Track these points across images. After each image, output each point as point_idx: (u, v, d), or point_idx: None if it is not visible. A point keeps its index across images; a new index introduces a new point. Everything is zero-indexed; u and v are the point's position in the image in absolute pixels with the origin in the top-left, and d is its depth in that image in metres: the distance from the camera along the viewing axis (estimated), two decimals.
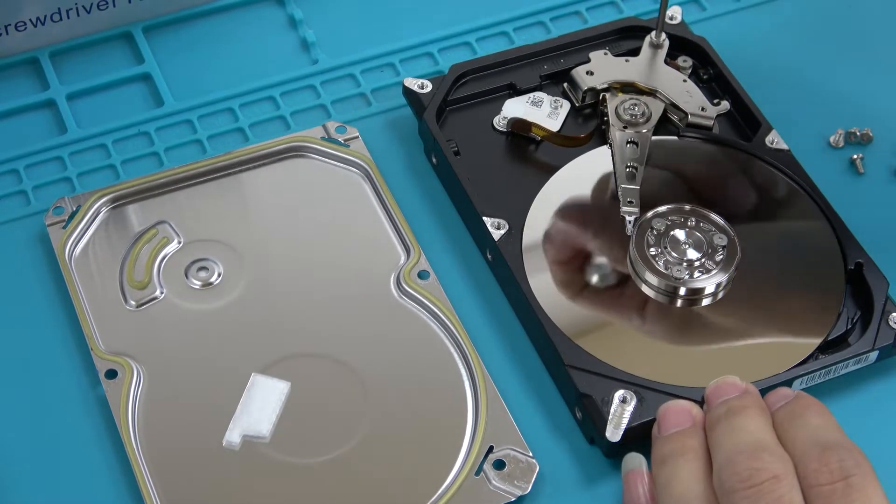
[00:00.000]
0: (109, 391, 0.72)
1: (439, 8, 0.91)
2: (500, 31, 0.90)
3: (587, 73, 0.83)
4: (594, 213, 0.79)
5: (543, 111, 0.83)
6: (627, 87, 0.83)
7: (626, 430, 0.70)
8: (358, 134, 0.83)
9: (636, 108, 0.82)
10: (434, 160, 0.82)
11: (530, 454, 0.71)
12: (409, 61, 0.88)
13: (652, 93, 0.82)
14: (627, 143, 0.81)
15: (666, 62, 0.84)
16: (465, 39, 0.90)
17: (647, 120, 0.81)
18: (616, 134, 0.81)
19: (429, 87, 0.83)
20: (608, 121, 0.81)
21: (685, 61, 0.85)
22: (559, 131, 0.82)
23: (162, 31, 0.90)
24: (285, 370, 0.74)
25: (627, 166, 0.80)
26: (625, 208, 0.78)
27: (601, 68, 0.83)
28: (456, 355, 0.75)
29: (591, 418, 0.70)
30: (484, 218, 0.77)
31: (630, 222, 0.78)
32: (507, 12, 0.91)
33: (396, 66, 0.88)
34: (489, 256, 0.78)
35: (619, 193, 0.78)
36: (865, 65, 0.89)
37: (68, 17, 0.86)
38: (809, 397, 0.67)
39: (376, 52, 0.89)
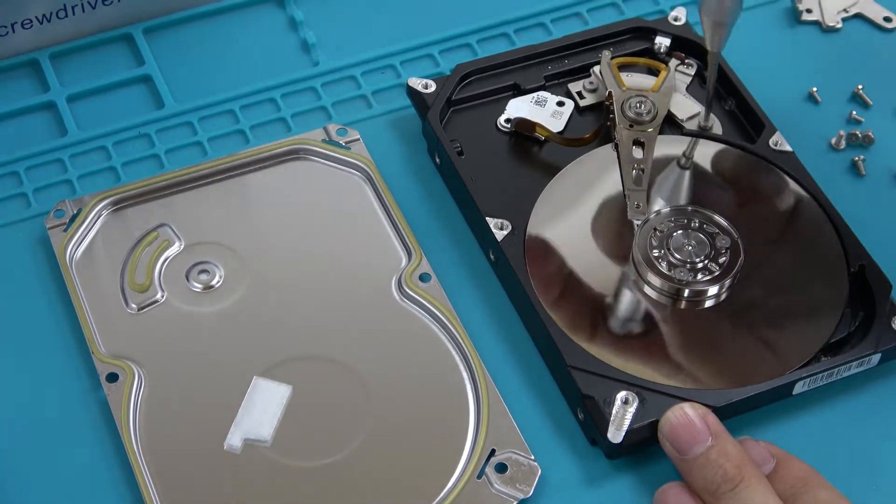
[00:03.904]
0: (110, 394, 0.72)
1: (440, 10, 0.91)
2: (501, 32, 0.90)
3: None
4: (598, 213, 0.79)
5: (547, 111, 0.83)
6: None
7: (628, 432, 0.69)
8: (359, 136, 0.83)
9: (642, 106, 0.81)
10: (437, 160, 0.82)
11: (532, 457, 0.70)
12: (410, 63, 0.88)
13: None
14: (634, 143, 0.80)
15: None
16: (466, 41, 0.89)
17: (654, 119, 0.81)
18: (622, 133, 0.80)
19: (433, 86, 0.83)
20: (614, 119, 0.81)
21: (689, 67, 0.85)
22: (563, 131, 0.82)
23: (162, 32, 0.89)
24: (287, 373, 0.73)
25: (634, 168, 0.79)
26: (633, 211, 0.77)
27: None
28: (457, 358, 0.74)
29: (593, 419, 0.70)
30: (487, 218, 0.77)
31: (639, 225, 0.77)
32: (507, 13, 0.91)
33: (397, 68, 0.88)
34: (492, 257, 0.78)
35: (627, 197, 0.78)
36: (866, 65, 0.89)
37: (73, 14, 0.86)
38: (801, 462, 0.68)
39: (377, 54, 0.88)
